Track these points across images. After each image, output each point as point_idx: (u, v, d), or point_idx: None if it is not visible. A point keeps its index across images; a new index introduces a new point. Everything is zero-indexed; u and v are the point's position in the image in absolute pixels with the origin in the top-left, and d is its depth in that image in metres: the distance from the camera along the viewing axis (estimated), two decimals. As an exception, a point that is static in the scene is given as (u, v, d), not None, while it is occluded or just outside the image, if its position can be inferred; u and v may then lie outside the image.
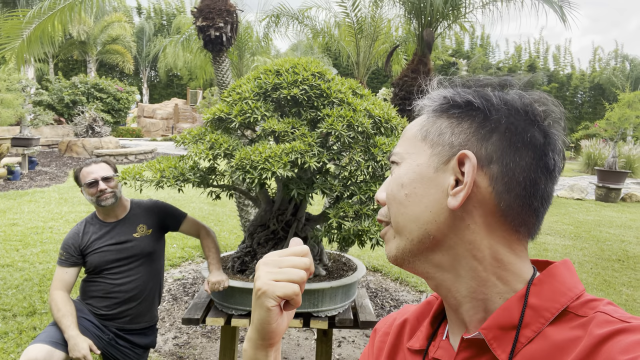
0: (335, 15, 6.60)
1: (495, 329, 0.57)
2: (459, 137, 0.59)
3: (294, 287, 0.62)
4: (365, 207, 2.09)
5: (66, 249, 2.31)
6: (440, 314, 0.70)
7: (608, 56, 27.16)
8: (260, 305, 0.63)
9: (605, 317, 0.52)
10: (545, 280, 0.58)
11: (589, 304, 0.56)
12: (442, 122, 0.62)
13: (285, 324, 0.66)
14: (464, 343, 0.60)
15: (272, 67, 2.30)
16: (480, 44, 28.47)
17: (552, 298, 0.56)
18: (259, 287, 0.62)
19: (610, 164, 10.75)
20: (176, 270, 4.77)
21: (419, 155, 0.62)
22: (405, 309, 0.78)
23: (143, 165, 2.27)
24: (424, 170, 0.61)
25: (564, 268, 0.60)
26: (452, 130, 0.60)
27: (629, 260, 5.75)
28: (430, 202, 0.60)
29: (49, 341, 2.05)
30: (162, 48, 9.36)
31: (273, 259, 0.64)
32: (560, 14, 3.70)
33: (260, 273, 0.63)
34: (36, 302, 3.68)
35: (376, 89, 22.70)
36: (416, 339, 0.69)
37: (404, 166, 0.63)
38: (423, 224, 0.60)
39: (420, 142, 0.63)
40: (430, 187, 0.60)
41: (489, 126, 0.58)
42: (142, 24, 29.83)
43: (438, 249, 0.61)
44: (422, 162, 0.61)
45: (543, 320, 0.55)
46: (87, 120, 14.14)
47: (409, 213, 0.61)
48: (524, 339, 0.55)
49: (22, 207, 6.92)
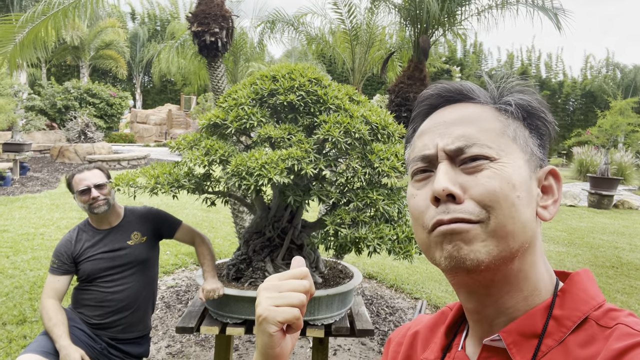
0: (330, 22, 6.62)
1: (515, 334, 0.57)
2: (537, 149, 0.62)
3: (294, 312, 0.62)
4: (362, 214, 2.07)
5: (58, 256, 2.26)
6: (454, 324, 0.69)
7: (599, 64, 27.47)
8: (263, 331, 0.63)
9: (626, 329, 0.52)
10: (568, 290, 0.59)
11: (610, 313, 0.56)
12: (523, 129, 0.62)
13: (290, 346, 0.66)
14: (485, 351, 0.60)
15: (268, 73, 2.28)
16: (473, 51, 28.68)
17: (574, 307, 0.57)
18: (259, 314, 0.63)
19: (603, 170, 10.82)
20: (169, 277, 4.72)
21: (516, 157, 0.59)
22: (419, 319, 0.77)
23: (137, 171, 2.24)
24: (525, 176, 0.59)
25: (585, 277, 0.61)
26: (532, 141, 0.62)
27: (623, 267, 5.77)
28: (533, 210, 0.59)
29: (40, 351, 2.00)
30: (157, 53, 9.34)
31: (273, 283, 0.64)
32: (555, 21, 3.72)
33: (261, 299, 0.63)
34: (26, 310, 3.61)
35: (370, 95, 22.78)
36: (430, 351, 0.68)
37: (508, 165, 0.58)
38: (528, 231, 0.58)
39: (511, 142, 0.60)
40: (531, 194, 0.59)
41: (545, 144, 0.64)
42: (136, 29, 29.77)
43: (522, 258, 0.59)
44: (521, 166, 0.59)
45: (565, 329, 0.56)
46: (80, 126, 14.04)
47: (520, 218, 0.57)
48: (545, 348, 0.56)
49: (13, 213, 6.84)
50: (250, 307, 2.18)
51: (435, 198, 0.57)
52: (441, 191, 0.56)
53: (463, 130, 0.59)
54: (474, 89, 0.63)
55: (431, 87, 0.65)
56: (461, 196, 0.56)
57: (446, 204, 0.57)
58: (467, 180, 0.57)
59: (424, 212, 0.59)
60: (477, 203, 0.56)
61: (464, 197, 0.57)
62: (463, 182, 0.57)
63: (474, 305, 0.61)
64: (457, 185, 0.57)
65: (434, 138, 0.61)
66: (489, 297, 0.59)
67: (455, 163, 0.59)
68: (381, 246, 1.99)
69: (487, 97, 0.63)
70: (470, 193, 0.56)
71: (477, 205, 0.56)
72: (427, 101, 0.66)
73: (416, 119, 0.67)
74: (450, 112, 0.62)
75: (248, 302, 2.17)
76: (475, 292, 0.60)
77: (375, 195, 2.08)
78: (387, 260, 5.47)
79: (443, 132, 0.60)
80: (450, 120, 0.61)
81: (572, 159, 17.82)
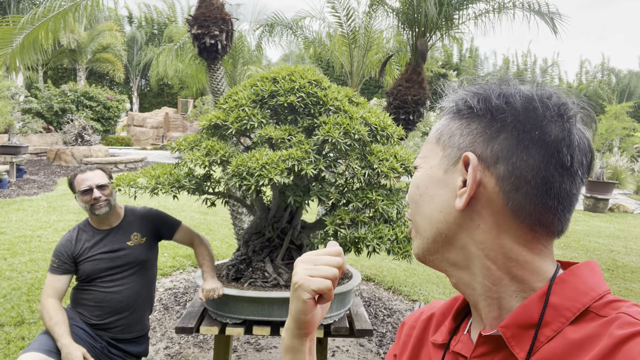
0: (329, 25, 6.65)
1: (514, 328, 0.57)
2: (467, 138, 0.60)
3: (327, 283, 0.68)
4: (361, 214, 2.09)
5: (58, 256, 2.27)
6: (463, 309, 0.71)
7: (595, 69, 27.66)
8: (297, 297, 0.69)
9: (628, 318, 0.51)
10: (567, 279, 0.58)
11: (612, 304, 0.55)
12: (454, 124, 0.63)
13: (320, 316, 0.72)
14: (482, 339, 0.61)
15: (269, 75, 2.30)
16: (469, 56, 28.85)
17: (574, 297, 0.56)
18: (295, 281, 0.69)
19: (598, 174, 10.89)
20: (167, 279, 4.72)
21: (433, 157, 0.65)
22: (434, 304, 0.80)
23: (137, 172, 2.25)
24: (435, 172, 0.64)
25: (586, 268, 0.59)
26: (461, 132, 0.61)
27: (618, 270, 5.81)
28: (441, 203, 0.62)
29: (43, 349, 2.01)
30: (155, 56, 9.33)
31: (310, 257, 0.71)
32: (552, 25, 3.77)
33: (298, 269, 0.70)
34: (24, 311, 3.61)
35: (367, 99, 22.83)
36: (440, 334, 0.71)
37: (420, 170, 0.67)
38: (435, 223, 0.63)
39: (434, 145, 0.65)
40: (440, 188, 0.62)
41: (495, 126, 0.58)
42: (134, 32, 29.80)
43: (452, 248, 0.63)
44: (434, 164, 0.64)
45: (563, 319, 0.55)
46: (77, 129, 14.02)
47: (423, 213, 0.65)
48: (544, 338, 0.55)
49: (10, 216, 6.82)
50: (250, 307, 2.19)
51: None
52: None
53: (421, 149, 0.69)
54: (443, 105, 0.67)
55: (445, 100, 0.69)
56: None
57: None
58: None
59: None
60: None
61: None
62: None
63: (459, 291, 0.66)
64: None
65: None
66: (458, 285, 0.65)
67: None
68: (380, 246, 2.01)
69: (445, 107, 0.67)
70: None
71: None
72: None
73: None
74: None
75: (248, 302, 2.18)
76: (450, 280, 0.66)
77: (374, 196, 2.10)
78: (385, 262, 5.49)
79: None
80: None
81: (568, 163, 17.86)
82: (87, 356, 2.05)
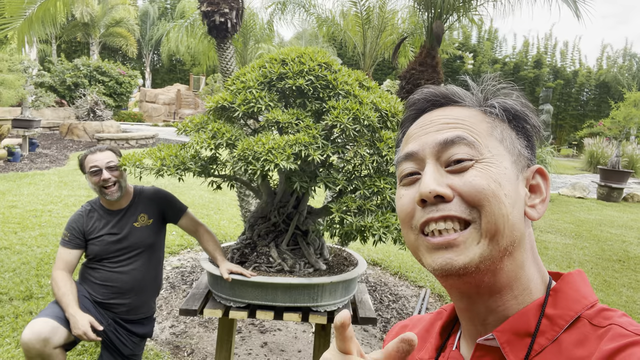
0: (342, 4, 6.51)
1: (509, 333, 0.58)
2: (524, 150, 0.63)
3: None
4: (368, 202, 2.05)
5: (71, 230, 2.28)
6: (449, 325, 0.69)
7: (616, 54, 26.91)
8: None
9: (620, 330, 0.53)
10: (560, 289, 0.60)
11: (603, 313, 0.56)
12: (510, 131, 0.63)
13: None
14: (478, 350, 0.60)
15: (277, 57, 2.24)
16: (488, 38, 28.19)
17: (567, 306, 0.58)
18: None
19: (614, 163, 10.68)
20: (175, 258, 4.75)
21: (503, 158, 0.60)
22: (415, 320, 0.78)
23: (144, 152, 2.22)
24: (511, 176, 0.60)
25: (578, 277, 0.62)
26: (519, 142, 0.63)
27: (630, 261, 5.72)
28: (521, 209, 0.59)
29: (54, 316, 2.05)
30: (166, 32, 9.26)
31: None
32: (574, 8, 3.62)
33: None
34: (33, 286, 3.66)
35: (380, 80, 22.55)
36: (425, 351, 0.69)
37: (493, 164, 0.58)
38: (516, 230, 0.58)
39: (498, 143, 0.61)
40: (517, 194, 0.59)
41: (532, 145, 0.64)
42: (146, 7, 29.57)
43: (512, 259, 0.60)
44: (508, 167, 0.60)
45: (557, 328, 0.56)
46: (89, 104, 14.06)
47: (509, 216, 0.57)
48: (538, 347, 0.56)
49: (22, 190, 6.89)
50: (254, 291, 2.18)
51: (422, 200, 0.58)
52: (428, 193, 0.57)
53: (452, 131, 0.60)
54: (459, 92, 0.65)
55: (418, 93, 0.67)
56: (450, 195, 0.57)
57: (435, 204, 0.57)
58: (454, 180, 0.58)
59: (412, 213, 0.60)
60: (466, 201, 0.57)
61: (452, 195, 0.57)
62: (450, 182, 0.58)
63: (466, 304, 0.62)
64: (443, 186, 0.57)
65: (422, 138, 0.62)
66: (480, 296, 0.60)
67: (441, 165, 0.60)
68: (387, 235, 1.97)
69: (472, 100, 0.64)
70: (458, 192, 0.57)
71: (465, 204, 0.57)
72: (414, 106, 0.67)
73: (405, 124, 0.69)
74: (438, 115, 0.63)
75: (252, 286, 2.17)
76: (467, 293, 0.61)
77: (382, 184, 2.05)
78: (392, 247, 5.46)
79: (430, 131, 0.62)
80: (438, 121, 0.62)
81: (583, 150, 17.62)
82: (94, 323, 2.07)
